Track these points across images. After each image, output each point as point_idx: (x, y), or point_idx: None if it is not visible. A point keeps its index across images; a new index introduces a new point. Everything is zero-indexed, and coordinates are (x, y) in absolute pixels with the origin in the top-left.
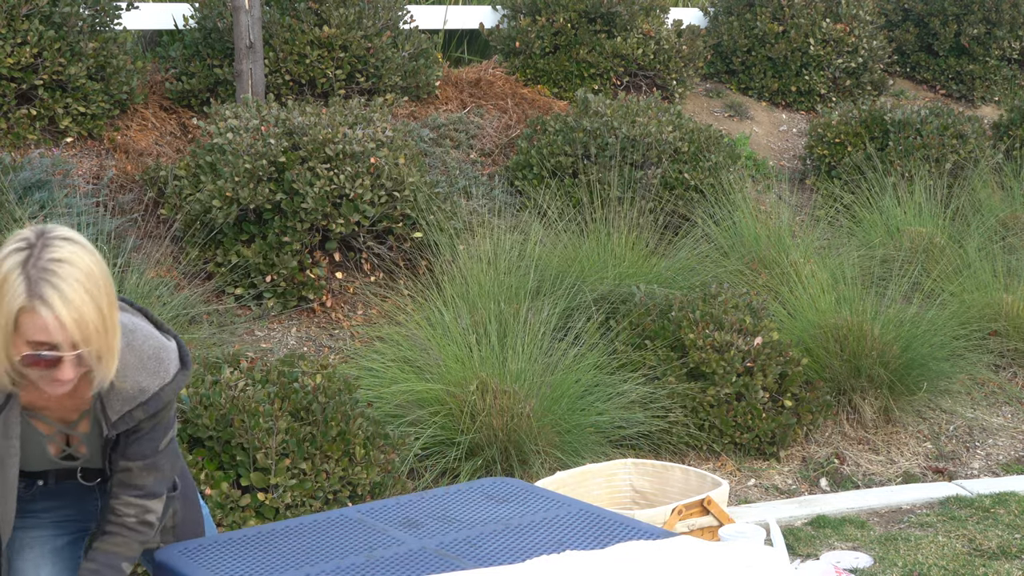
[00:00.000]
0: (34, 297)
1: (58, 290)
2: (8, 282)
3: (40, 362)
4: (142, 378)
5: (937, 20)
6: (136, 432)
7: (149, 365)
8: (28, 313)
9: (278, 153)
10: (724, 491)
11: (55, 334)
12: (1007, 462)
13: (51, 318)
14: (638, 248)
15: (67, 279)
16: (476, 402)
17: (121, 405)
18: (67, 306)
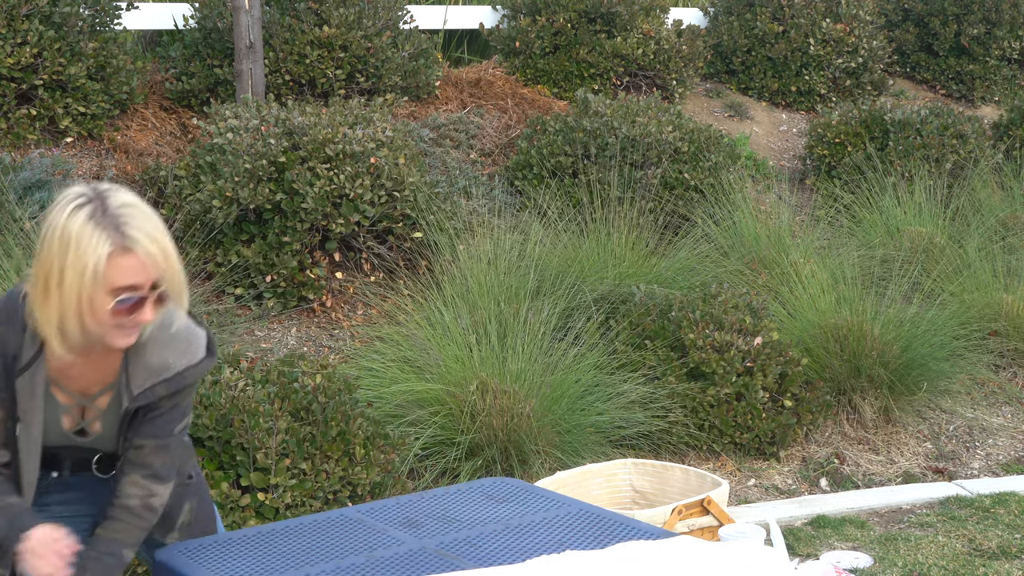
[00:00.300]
0: (123, 239)
1: (140, 229)
2: (84, 234)
3: (126, 309)
4: (169, 355)
5: (937, 20)
6: (155, 410)
7: (179, 345)
8: (116, 258)
9: (278, 153)
10: (724, 491)
11: (145, 272)
12: (1007, 462)
13: (141, 256)
14: (638, 248)
15: (142, 219)
16: (476, 402)
17: (144, 379)
18: (153, 243)
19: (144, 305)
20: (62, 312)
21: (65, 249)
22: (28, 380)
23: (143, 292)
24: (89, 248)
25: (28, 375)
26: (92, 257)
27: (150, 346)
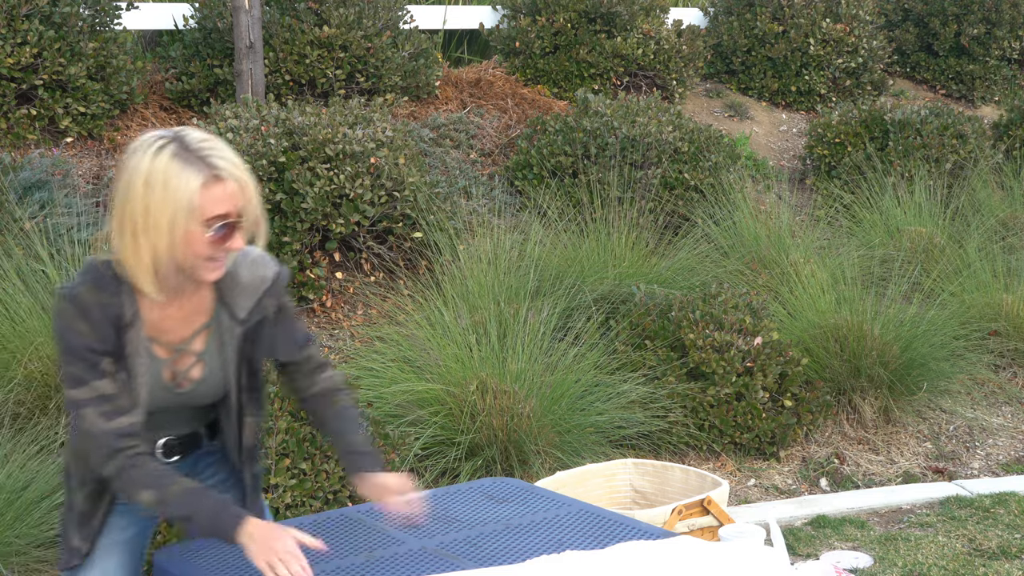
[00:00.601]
0: (212, 169)
1: (225, 159)
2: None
3: (220, 238)
4: (258, 269)
5: (937, 20)
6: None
7: (258, 261)
8: (208, 188)
9: (278, 153)
10: (724, 491)
11: (234, 200)
12: (1007, 462)
13: (230, 184)
14: (638, 248)
15: (223, 149)
16: (476, 402)
17: (247, 299)
18: (236, 170)
19: (234, 232)
20: (155, 252)
21: (153, 189)
22: (134, 336)
23: (233, 219)
24: (180, 183)
25: (133, 331)
26: (185, 191)
27: (238, 272)
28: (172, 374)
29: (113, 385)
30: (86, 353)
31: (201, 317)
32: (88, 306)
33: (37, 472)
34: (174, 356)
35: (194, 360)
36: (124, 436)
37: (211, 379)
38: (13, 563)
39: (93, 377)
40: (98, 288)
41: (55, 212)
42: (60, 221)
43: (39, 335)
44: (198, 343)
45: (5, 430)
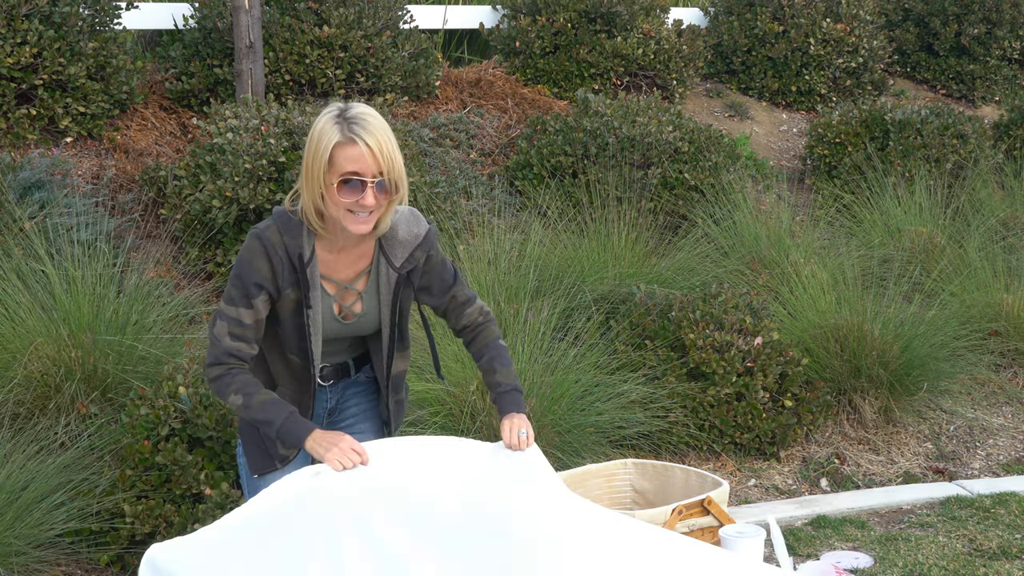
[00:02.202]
0: (346, 132)
1: (364, 128)
2: (325, 130)
3: (349, 191)
4: (412, 227)
5: (937, 20)
6: (425, 272)
7: (412, 219)
8: (341, 147)
9: (278, 153)
10: (724, 491)
11: (364, 162)
12: (1007, 462)
13: (361, 148)
14: (638, 248)
15: (370, 122)
16: (476, 402)
17: (403, 250)
18: (370, 138)
19: (365, 190)
20: (312, 193)
21: (311, 144)
22: (311, 272)
23: (364, 178)
24: (324, 138)
25: (311, 268)
26: (325, 145)
27: (397, 227)
28: (339, 307)
29: (253, 318)
30: (251, 286)
31: (364, 262)
32: (274, 244)
33: (37, 472)
34: (341, 292)
35: (356, 297)
36: (234, 356)
37: (369, 314)
38: (13, 563)
39: (243, 304)
40: (284, 230)
41: (55, 212)
42: (60, 221)
43: (39, 335)
44: (360, 283)
45: (5, 430)
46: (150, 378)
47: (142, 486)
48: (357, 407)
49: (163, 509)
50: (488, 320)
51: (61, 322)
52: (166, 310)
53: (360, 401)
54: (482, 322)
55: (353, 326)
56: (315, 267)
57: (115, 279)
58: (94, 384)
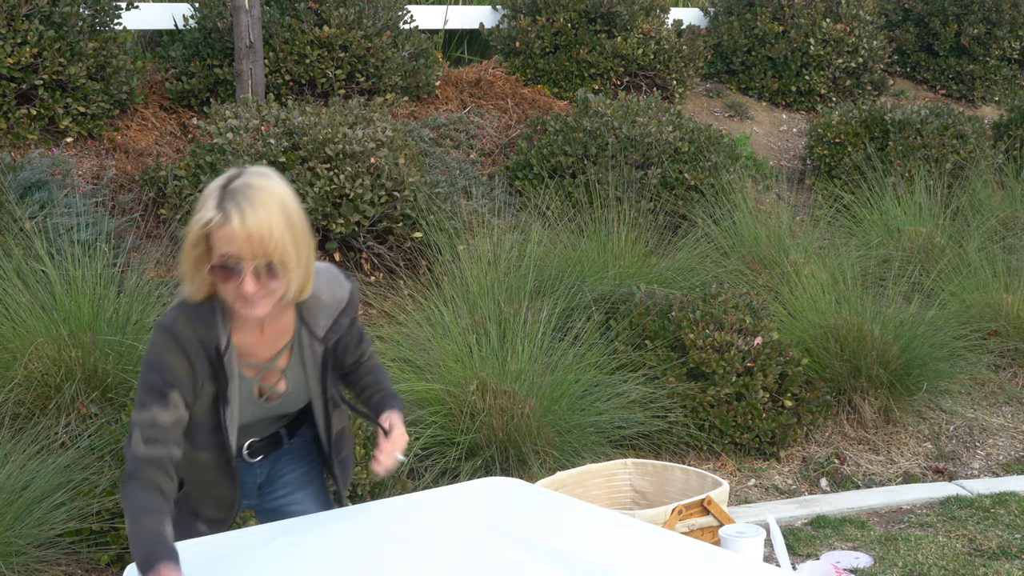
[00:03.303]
0: (220, 211)
1: (239, 207)
2: (204, 205)
3: (224, 273)
4: (335, 290)
5: (937, 20)
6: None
7: (333, 280)
8: (217, 227)
9: (278, 153)
10: (724, 491)
11: (236, 242)
12: (1007, 462)
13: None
14: (638, 248)
15: (253, 199)
16: (476, 402)
17: (325, 318)
18: (248, 215)
19: (243, 276)
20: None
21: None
22: (228, 362)
23: (240, 262)
24: (200, 215)
25: (227, 357)
26: (201, 219)
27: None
28: (260, 390)
29: (171, 417)
30: (162, 385)
31: (284, 337)
32: (186, 339)
33: (37, 472)
34: (261, 373)
35: (280, 375)
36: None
37: (296, 391)
38: (13, 563)
39: (158, 404)
40: (194, 320)
41: (55, 212)
42: (60, 221)
43: (39, 335)
44: (282, 360)
45: (5, 430)
46: None
47: None
48: (292, 473)
49: None
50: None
51: (61, 322)
52: (166, 310)
53: (296, 467)
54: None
55: (278, 406)
56: (232, 355)
57: (115, 279)
58: (94, 384)
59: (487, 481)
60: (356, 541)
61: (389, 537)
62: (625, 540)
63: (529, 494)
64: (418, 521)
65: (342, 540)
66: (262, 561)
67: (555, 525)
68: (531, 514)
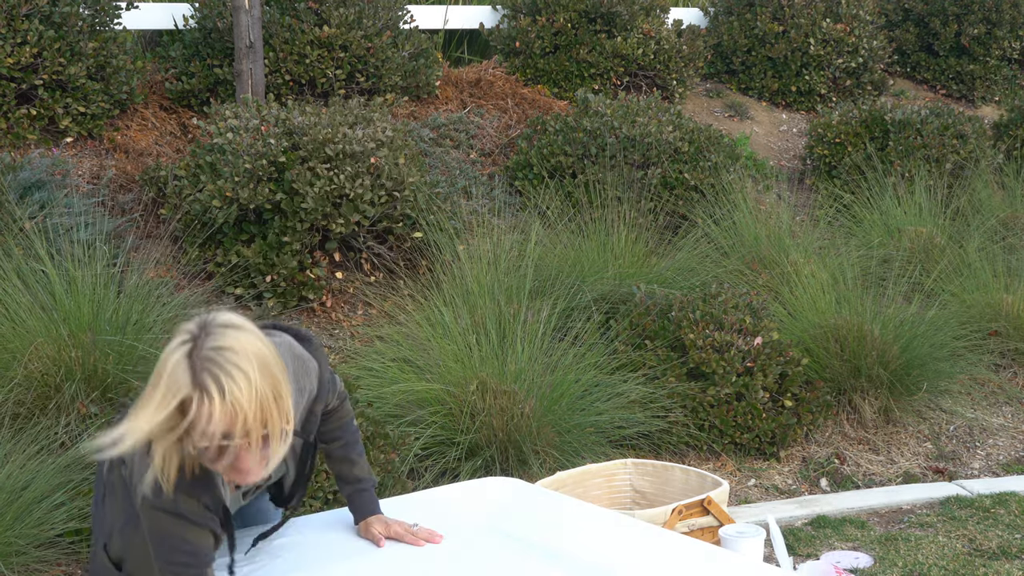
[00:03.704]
0: (196, 388)
1: (217, 381)
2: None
3: (213, 453)
4: (302, 383)
5: (937, 20)
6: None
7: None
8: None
9: (278, 153)
10: (724, 491)
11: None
12: (1007, 462)
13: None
14: (638, 248)
15: (230, 368)
16: (476, 402)
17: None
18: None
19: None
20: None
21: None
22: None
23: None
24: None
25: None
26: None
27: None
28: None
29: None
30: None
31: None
32: (196, 515)
33: (37, 472)
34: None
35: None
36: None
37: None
38: (13, 563)
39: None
40: (192, 492)
41: (55, 212)
42: (60, 221)
43: (39, 335)
44: None
45: (5, 430)
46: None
47: None
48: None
49: None
50: (342, 399)
51: (61, 322)
52: (166, 310)
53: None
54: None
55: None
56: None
57: (115, 279)
58: (94, 384)
59: (487, 481)
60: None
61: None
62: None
63: (529, 494)
64: (418, 521)
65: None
66: (261, 562)
67: (555, 525)
68: (531, 514)
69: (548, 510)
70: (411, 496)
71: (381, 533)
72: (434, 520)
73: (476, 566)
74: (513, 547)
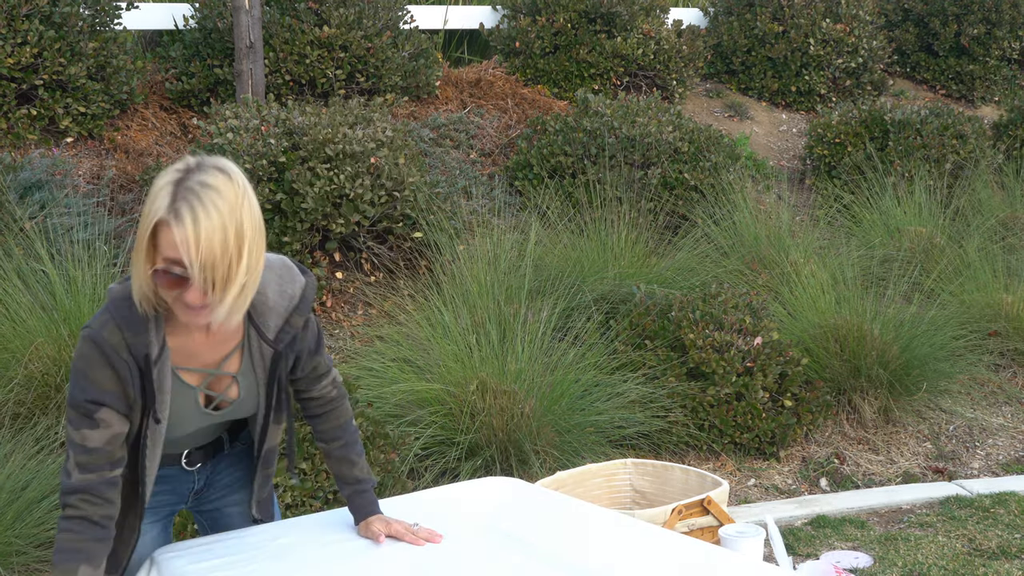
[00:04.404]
0: (171, 212)
1: (192, 209)
2: (158, 196)
3: (169, 279)
4: (285, 287)
5: (937, 20)
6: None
7: (285, 275)
8: (164, 227)
9: (278, 153)
10: (724, 491)
11: (183, 251)
12: (1007, 462)
13: (181, 234)
14: (638, 248)
15: (207, 203)
16: (476, 402)
17: (276, 318)
18: (199, 224)
19: (188, 284)
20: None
21: (144, 206)
22: (159, 372)
23: (185, 271)
24: (153, 208)
25: (160, 365)
26: (150, 218)
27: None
28: (207, 398)
29: (101, 439)
30: (87, 405)
31: (233, 339)
32: (114, 348)
33: (37, 472)
34: (207, 380)
35: (230, 381)
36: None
37: (247, 399)
38: (13, 563)
39: (86, 425)
40: (125, 326)
41: (55, 212)
42: (60, 221)
43: (39, 335)
44: (232, 364)
45: (5, 430)
46: None
47: None
48: (230, 476)
49: None
50: (341, 395)
51: (61, 322)
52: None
53: (234, 470)
54: (335, 396)
55: (228, 414)
56: (165, 364)
57: (115, 279)
58: None
59: (487, 481)
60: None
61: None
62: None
63: (529, 494)
64: (418, 521)
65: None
66: (261, 562)
67: (555, 525)
68: (531, 514)
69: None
70: (411, 496)
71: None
72: (434, 520)
73: (476, 566)
74: (513, 547)
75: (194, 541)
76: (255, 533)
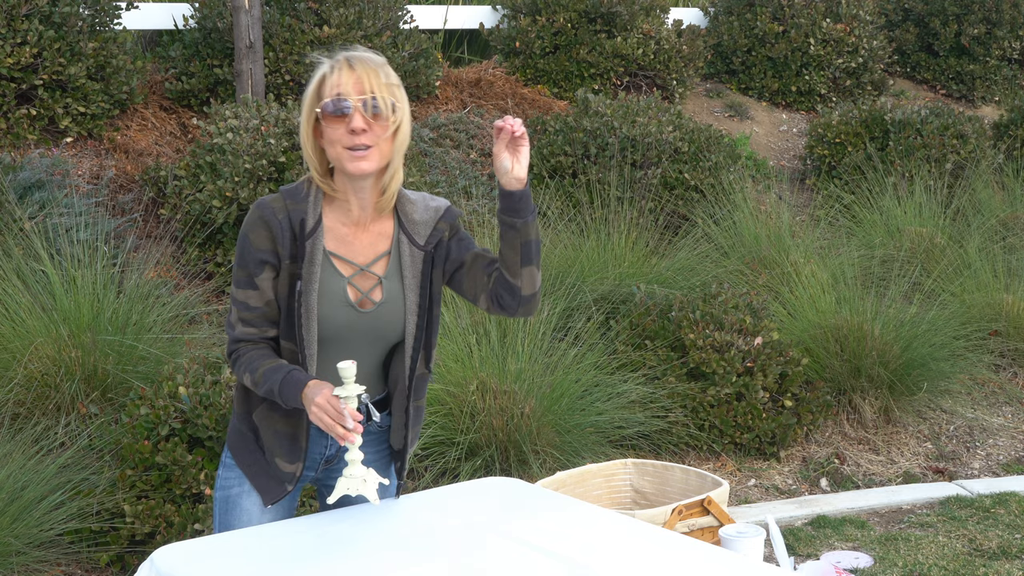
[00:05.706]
0: (330, 65)
1: (349, 58)
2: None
3: (334, 118)
4: (429, 203)
5: (937, 20)
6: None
7: (427, 196)
8: (327, 78)
9: (278, 153)
10: (724, 491)
11: (346, 84)
12: (1007, 462)
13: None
14: (638, 248)
15: (362, 54)
16: (476, 402)
17: (424, 227)
18: (354, 63)
19: (353, 113)
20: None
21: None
22: (311, 245)
23: (349, 98)
24: (319, 69)
25: (312, 241)
26: (317, 75)
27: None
28: (355, 292)
29: (260, 299)
30: (252, 263)
31: (384, 243)
32: (273, 211)
33: (37, 472)
34: (356, 274)
35: (376, 282)
36: (243, 341)
37: (392, 303)
38: (13, 563)
39: (248, 285)
40: (287, 195)
41: (55, 212)
42: (60, 221)
43: (39, 335)
44: (379, 267)
45: (5, 430)
46: (150, 378)
47: (142, 486)
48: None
49: (163, 509)
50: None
51: (61, 322)
52: (166, 310)
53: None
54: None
55: (371, 316)
56: (319, 239)
57: (115, 279)
58: (94, 384)
59: (487, 481)
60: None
61: (389, 537)
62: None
63: (529, 494)
64: (418, 521)
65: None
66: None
67: (555, 525)
68: (531, 514)
69: (548, 510)
70: (411, 496)
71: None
72: (434, 520)
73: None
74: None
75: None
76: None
